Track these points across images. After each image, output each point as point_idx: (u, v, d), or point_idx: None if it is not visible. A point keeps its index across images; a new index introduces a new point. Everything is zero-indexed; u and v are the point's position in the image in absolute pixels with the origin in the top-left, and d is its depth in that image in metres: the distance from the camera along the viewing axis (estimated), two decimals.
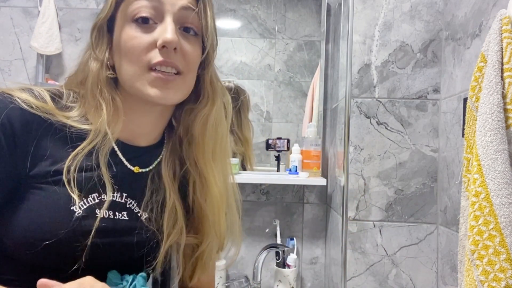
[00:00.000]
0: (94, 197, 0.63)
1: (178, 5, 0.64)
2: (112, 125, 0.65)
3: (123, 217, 0.66)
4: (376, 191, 1.28)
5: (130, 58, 0.64)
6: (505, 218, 0.72)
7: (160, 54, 0.62)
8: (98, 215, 0.62)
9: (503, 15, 0.77)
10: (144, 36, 0.63)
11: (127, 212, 0.66)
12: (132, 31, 0.63)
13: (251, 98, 1.63)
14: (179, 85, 0.65)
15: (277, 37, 1.63)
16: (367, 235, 1.27)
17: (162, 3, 0.63)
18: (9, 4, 1.62)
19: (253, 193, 1.60)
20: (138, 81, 0.64)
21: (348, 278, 1.27)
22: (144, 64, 0.63)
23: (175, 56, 0.64)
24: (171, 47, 0.62)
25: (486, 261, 0.73)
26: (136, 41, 0.63)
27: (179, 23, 0.65)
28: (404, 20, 1.28)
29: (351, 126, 1.28)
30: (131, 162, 0.69)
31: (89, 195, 0.63)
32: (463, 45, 1.11)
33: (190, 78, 0.67)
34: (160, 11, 0.64)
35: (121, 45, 0.65)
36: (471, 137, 0.85)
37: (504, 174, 0.73)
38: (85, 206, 0.62)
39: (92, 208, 0.62)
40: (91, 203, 0.62)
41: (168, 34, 0.62)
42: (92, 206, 0.62)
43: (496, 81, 0.76)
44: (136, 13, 0.63)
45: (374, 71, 1.29)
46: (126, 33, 0.64)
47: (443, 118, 1.23)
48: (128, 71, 0.64)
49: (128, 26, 0.64)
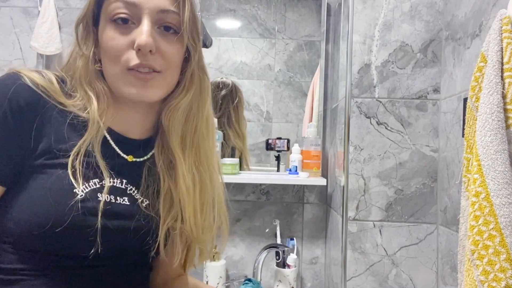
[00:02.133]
0: (95, 182, 0.65)
1: (157, 8, 0.65)
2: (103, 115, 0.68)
3: (124, 202, 0.68)
4: (376, 191, 1.28)
5: (110, 58, 0.66)
6: (505, 218, 0.72)
7: (137, 56, 0.64)
8: (100, 198, 0.64)
9: (503, 15, 0.77)
10: (122, 37, 0.65)
11: (128, 198, 0.68)
12: (111, 31, 0.65)
13: (251, 98, 1.63)
14: (159, 82, 0.67)
15: (277, 37, 1.63)
16: (367, 235, 1.27)
17: (140, 5, 0.65)
18: (9, 4, 1.62)
19: (253, 193, 1.60)
20: (118, 81, 0.66)
21: (348, 278, 1.27)
22: (123, 65, 0.65)
23: (152, 57, 0.65)
24: (146, 50, 0.64)
25: (486, 261, 0.73)
26: (115, 42, 0.65)
27: (158, 23, 0.67)
28: (404, 20, 1.28)
29: (351, 126, 1.28)
30: (124, 151, 0.71)
31: (90, 180, 0.65)
32: (463, 45, 1.11)
33: (170, 75, 0.69)
34: (138, 12, 0.65)
35: (103, 44, 0.67)
36: (471, 137, 0.85)
37: (504, 174, 0.73)
38: (87, 190, 0.64)
39: (94, 192, 0.64)
40: (92, 187, 0.65)
41: (143, 38, 0.63)
42: (94, 190, 0.64)
43: (496, 81, 0.76)
44: (114, 14, 0.65)
45: (374, 71, 1.29)
46: (106, 33, 0.66)
47: (443, 118, 1.23)
48: (109, 69, 0.67)
49: (108, 25, 0.66)
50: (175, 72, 0.70)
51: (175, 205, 0.72)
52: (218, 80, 1.61)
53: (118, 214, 0.66)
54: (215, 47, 1.61)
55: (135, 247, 0.69)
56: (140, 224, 0.68)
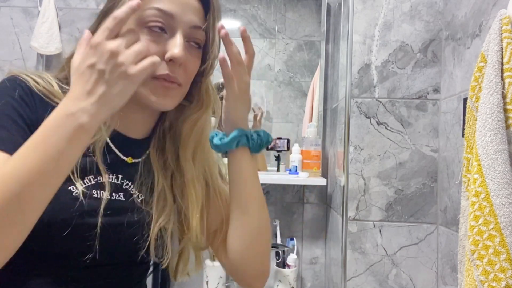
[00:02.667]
0: (90, 178, 0.65)
1: (190, 24, 0.67)
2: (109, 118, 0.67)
3: (120, 198, 0.68)
4: (376, 191, 1.28)
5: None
6: (505, 218, 0.72)
7: (167, 66, 0.65)
8: (95, 195, 0.64)
9: (503, 15, 0.77)
10: (154, 45, 0.65)
11: (123, 193, 0.69)
12: (144, 37, 0.65)
13: (251, 98, 1.63)
14: (177, 94, 0.69)
15: (277, 37, 1.63)
16: (367, 235, 1.27)
17: (176, 18, 0.65)
18: (9, 4, 1.62)
19: None
20: (141, 86, 0.65)
21: (348, 278, 1.27)
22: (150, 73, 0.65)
23: (178, 70, 0.66)
24: (179, 62, 0.65)
25: (486, 261, 0.73)
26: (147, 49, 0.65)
27: (187, 37, 0.68)
28: (404, 20, 1.28)
29: (351, 126, 1.28)
30: (124, 152, 0.71)
31: (85, 177, 0.65)
32: (463, 45, 1.11)
33: (186, 88, 0.71)
34: (173, 24, 0.66)
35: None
36: (471, 137, 0.85)
37: (504, 174, 0.73)
38: (82, 187, 0.63)
39: (89, 189, 0.64)
40: (87, 184, 0.65)
41: (178, 50, 0.64)
42: (88, 187, 0.64)
43: (496, 81, 0.76)
44: (151, 21, 0.65)
45: (374, 71, 1.29)
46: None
47: (443, 118, 1.23)
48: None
49: (140, 31, 0.65)
50: (189, 85, 0.72)
51: (169, 205, 0.72)
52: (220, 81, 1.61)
53: (114, 210, 0.66)
54: None
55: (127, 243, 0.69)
56: (132, 219, 0.68)
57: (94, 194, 0.64)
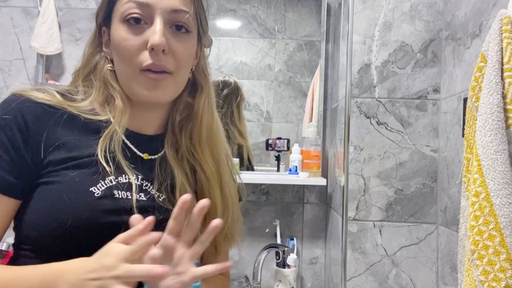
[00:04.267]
0: (111, 179, 0.65)
1: (169, 8, 0.66)
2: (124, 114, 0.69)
3: (141, 198, 0.68)
4: (376, 191, 1.28)
5: (123, 59, 0.67)
6: (505, 218, 0.72)
7: (150, 56, 0.65)
8: (116, 195, 0.65)
9: (503, 15, 0.77)
10: (135, 38, 0.65)
11: (144, 193, 0.69)
12: (124, 32, 0.66)
13: (251, 98, 1.63)
14: (169, 84, 0.68)
15: (277, 37, 1.63)
16: (367, 235, 1.27)
17: (152, 5, 0.65)
18: (9, 4, 1.62)
19: (253, 193, 1.60)
20: (131, 82, 0.67)
21: (348, 278, 1.27)
22: (137, 66, 0.66)
23: (165, 57, 0.66)
24: (159, 49, 0.64)
25: (486, 261, 0.73)
26: (128, 43, 0.66)
27: (170, 23, 0.67)
28: (404, 20, 1.28)
29: (351, 126, 1.28)
30: (139, 149, 0.72)
31: (105, 178, 0.65)
32: (463, 45, 1.11)
33: (181, 76, 0.70)
34: (150, 12, 0.65)
35: (115, 44, 0.68)
36: (471, 137, 0.85)
37: (504, 174, 0.73)
38: (103, 188, 0.64)
39: (110, 189, 0.65)
40: (108, 185, 0.65)
41: (156, 37, 0.64)
42: (110, 187, 0.65)
43: (496, 81, 0.76)
44: (127, 14, 0.65)
45: (374, 71, 1.29)
46: (119, 33, 0.66)
47: (443, 118, 1.23)
48: (122, 70, 0.68)
49: (120, 26, 0.66)
50: (186, 72, 0.71)
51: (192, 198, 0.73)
52: (219, 79, 1.61)
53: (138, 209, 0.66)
54: (215, 47, 1.61)
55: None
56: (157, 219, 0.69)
57: (115, 195, 0.65)
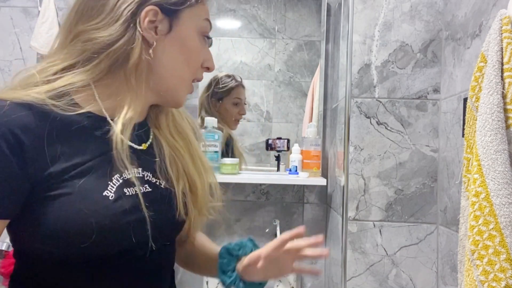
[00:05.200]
0: (117, 178, 0.64)
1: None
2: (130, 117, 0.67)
3: (148, 189, 0.68)
4: (376, 191, 1.28)
5: (190, 64, 0.72)
6: (505, 218, 0.72)
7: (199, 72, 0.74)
8: (127, 193, 0.64)
9: (503, 15, 0.77)
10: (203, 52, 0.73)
11: (148, 184, 0.69)
12: (201, 43, 0.72)
13: (251, 98, 1.63)
14: None
15: (277, 37, 1.63)
16: (367, 235, 1.27)
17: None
18: (9, 4, 1.62)
19: (253, 193, 1.60)
20: (184, 86, 0.72)
21: (348, 278, 1.27)
22: (194, 75, 0.73)
23: None
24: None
25: (486, 261, 0.73)
26: (200, 55, 0.73)
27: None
28: (404, 20, 1.28)
29: (351, 126, 1.28)
30: (137, 142, 0.71)
31: (112, 179, 0.64)
32: (463, 45, 1.11)
33: None
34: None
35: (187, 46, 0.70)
36: (471, 137, 0.85)
37: (504, 174, 0.73)
38: (114, 189, 0.63)
39: (121, 189, 0.63)
40: (116, 184, 0.63)
41: (213, 64, 0.74)
42: (119, 186, 0.63)
43: (496, 81, 0.76)
44: (205, 31, 0.72)
45: (374, 71, 1.29)
46: (195, 41, 0.71)
47: (443, 118, 1.23)
48: (179, 71, 0.71)
49: (198, 36, 0.71)
50: None
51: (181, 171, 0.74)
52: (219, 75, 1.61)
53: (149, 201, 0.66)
54: (215, 47, 1.61)
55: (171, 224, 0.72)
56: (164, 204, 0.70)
57: (126, 193, 0.64)
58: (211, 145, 1.47)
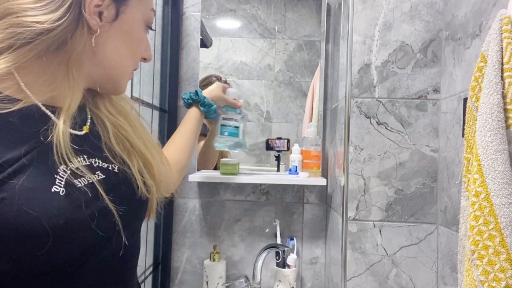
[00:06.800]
0: (63, 169, 0.56)
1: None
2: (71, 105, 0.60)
3: (100, 177, 0.62)
4: (376, 191, 1.28)
5: (132, 53, 0.70)
6: (505, 218, 0.72)
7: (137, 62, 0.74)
8: (78, 185, 0.57)
9: (503, 15, 0.77)
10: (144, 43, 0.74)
11: (100, 171, 0.63)
12: (143, 33, 0.71)
13: (251, 98, 1.63)
14: None
15: (277, 37, 1.63)
16: (367, 235, 1.27)
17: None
18: None
19: (253, 193, 1.60)
20: (124, 74, 0.70)
21: (348, 278, 1.27)
22: (134, 66, 0.72)
23: None
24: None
25: (486, 261, 0.73)
26: (143, 45, 0.72)
27: None
28: (404, 20, 1.28)
29: (351, 126, 1.28)
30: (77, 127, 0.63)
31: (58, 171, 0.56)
32: (463, 45, 1.11)
33: None
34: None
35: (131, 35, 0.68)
36: (471, 137, 0.85)
37: (504, 174, 0.73)
38: (62, 183, 0.55)
39: (70, 180, 0.56)
40: (65, 176, 0.56)
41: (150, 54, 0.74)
42: (68, 179, 0.56)
43: (496, 81, 0.76)
44: (150, 21, 0.71)
45: (374, 71, 1.29)
46: (140, 31, 0.70)
47: (443, 118, 1.23)
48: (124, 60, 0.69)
49: (141, 25, 0.70)
50: None
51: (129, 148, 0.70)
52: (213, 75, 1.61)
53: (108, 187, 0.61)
54: (215, 47, 1.61)
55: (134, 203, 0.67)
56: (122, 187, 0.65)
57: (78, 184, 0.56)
58: (232, 118, 1.30)
